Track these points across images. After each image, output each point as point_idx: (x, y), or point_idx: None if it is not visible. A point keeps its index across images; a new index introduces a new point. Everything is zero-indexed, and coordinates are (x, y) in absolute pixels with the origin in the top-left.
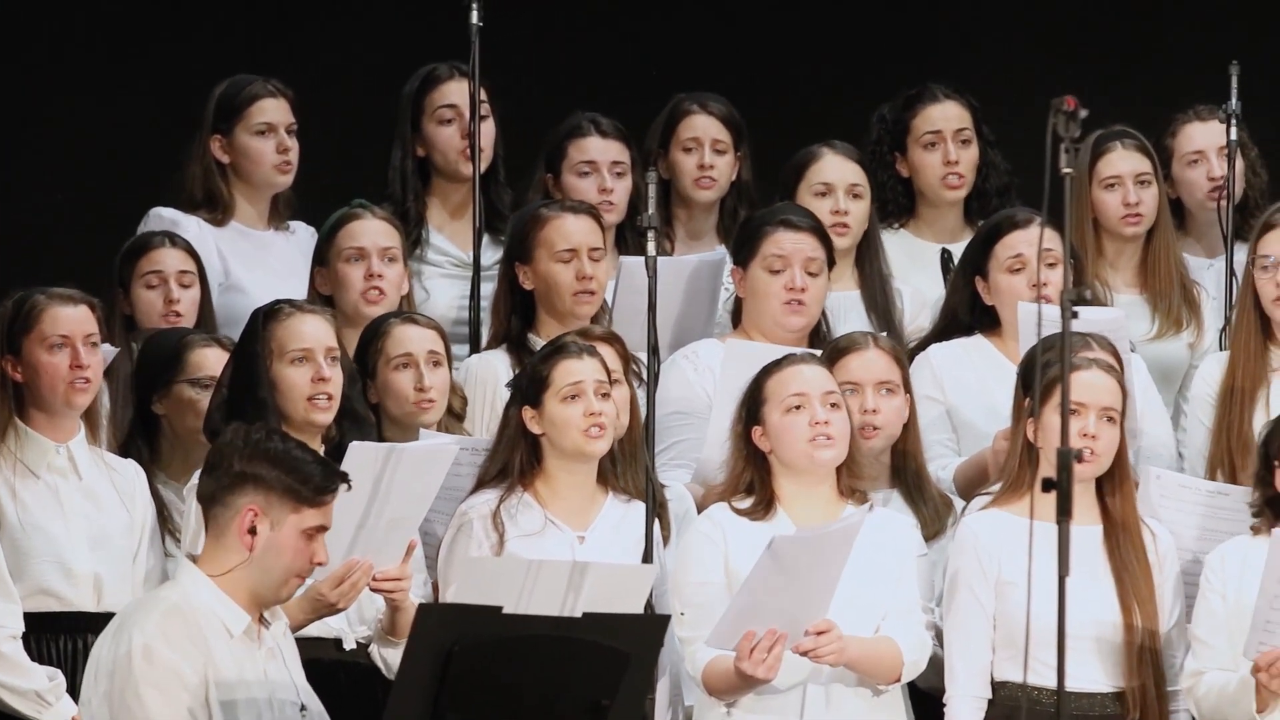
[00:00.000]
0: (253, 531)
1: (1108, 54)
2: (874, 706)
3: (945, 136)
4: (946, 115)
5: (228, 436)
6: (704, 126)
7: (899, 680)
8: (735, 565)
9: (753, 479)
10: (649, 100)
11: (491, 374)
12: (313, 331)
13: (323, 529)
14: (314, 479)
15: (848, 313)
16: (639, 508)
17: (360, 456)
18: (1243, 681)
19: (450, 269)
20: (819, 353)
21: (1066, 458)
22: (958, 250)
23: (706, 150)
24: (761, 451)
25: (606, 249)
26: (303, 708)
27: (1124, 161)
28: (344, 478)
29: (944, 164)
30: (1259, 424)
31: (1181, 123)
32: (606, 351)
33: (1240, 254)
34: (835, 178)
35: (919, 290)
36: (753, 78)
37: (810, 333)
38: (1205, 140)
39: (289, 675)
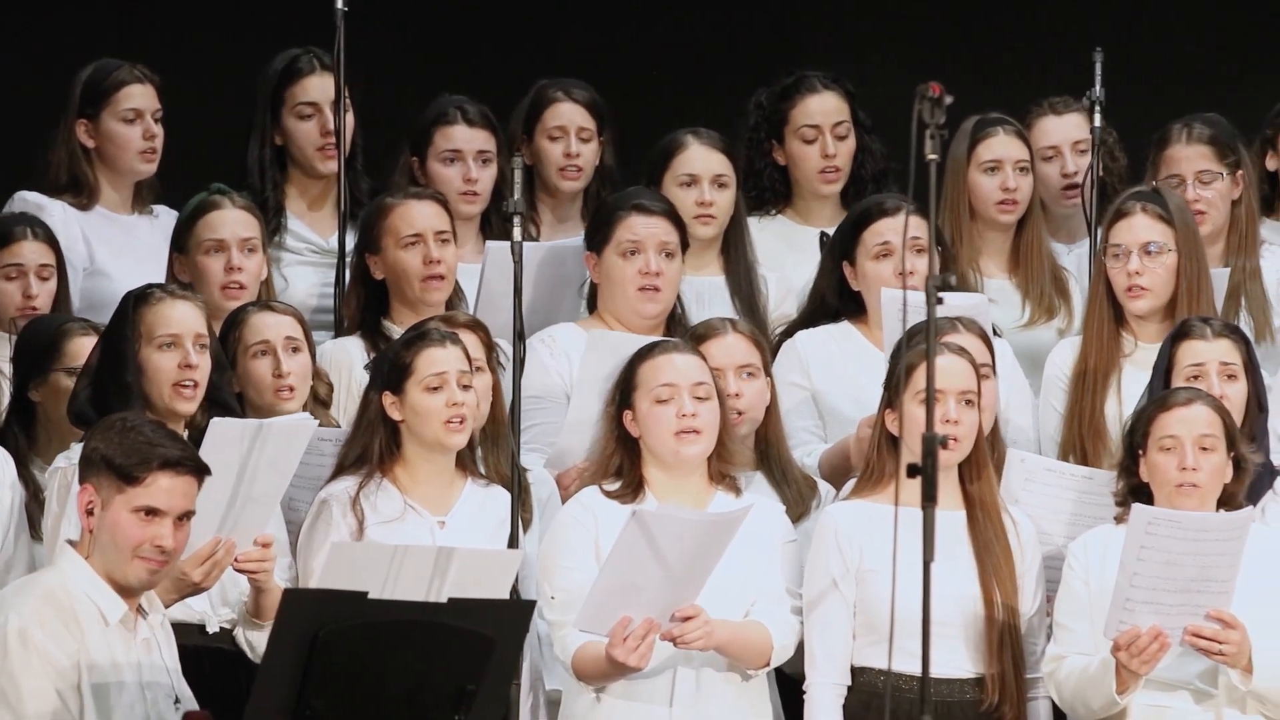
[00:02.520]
0: (90, 514)
1: (972, 40)
2: (742, 691)
3: (823, 130)
4: (825, 108)
5: (100, 423)
6: (569, 114)
7: (768, 665)
8: (606, 549)
9: (622, 462)
10: (512, 84)
11: (347, 360)
12: (181, 317)
13: (156, 511)
14: (133, 456)
15: (712, 299)
16: (498, 492)
17: (223, 433)
18: (1103, 662)
19: (309, 256)
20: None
21: (932, 443)
22: None
23: (572, 139)
24: (632, 436)
25: (468, 236)
26: (176, 699)
27: (1005, 147)
28: (172, 462)
29: (821, 157)
30: (1110, 409)
31: (1036, 116)
32: (470, 339)
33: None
34: (700, 168)
35: (784, 278)
36: (615, 60)
37: (667, 319)
38: (1060, 135)
39: (164, 665)
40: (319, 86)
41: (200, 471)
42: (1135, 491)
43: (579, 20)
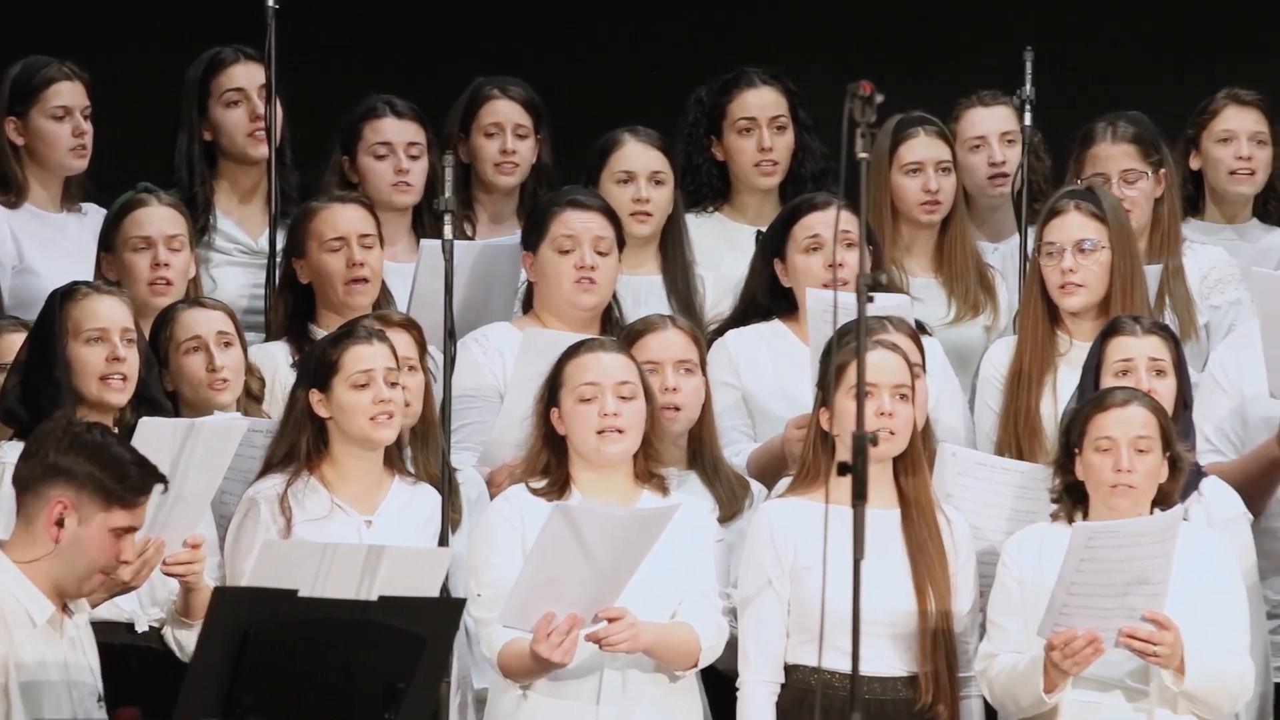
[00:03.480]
0: (60, 524)
1: (906, 39)
2: (670, 691)
3: (760, 123)
4: (762, 102)
5: (49, 425)
6: (506, 112)
7: (696, 666)
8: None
9: (549, 460)
10: (446, 84)
11: (271, 364)
12: (108, 312)
13: (132, 529)
14: (129, 479)
15: (649, 297)
16: (426, 490)
17: (153, 432)
18: (1032, 660)
19: (239, 256)
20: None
21: (862, 441)
22: None
23: (508, 136)
24: (559, 434)
25: (400, 234)
26: (100, 697)
27: (926, 148)
28: (160, 479)
29: (758, 151)
30: (1045, 408)
31: (965, 107)
32: (403, 338)
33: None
34: (637, 166)
35: (721, 277)
36: (552, 57)
37: (603, 317)
38: (988, 126)
39: (88, 664)
40: (244, 74)
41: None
42: (1070, 489)
43: (513, 19)
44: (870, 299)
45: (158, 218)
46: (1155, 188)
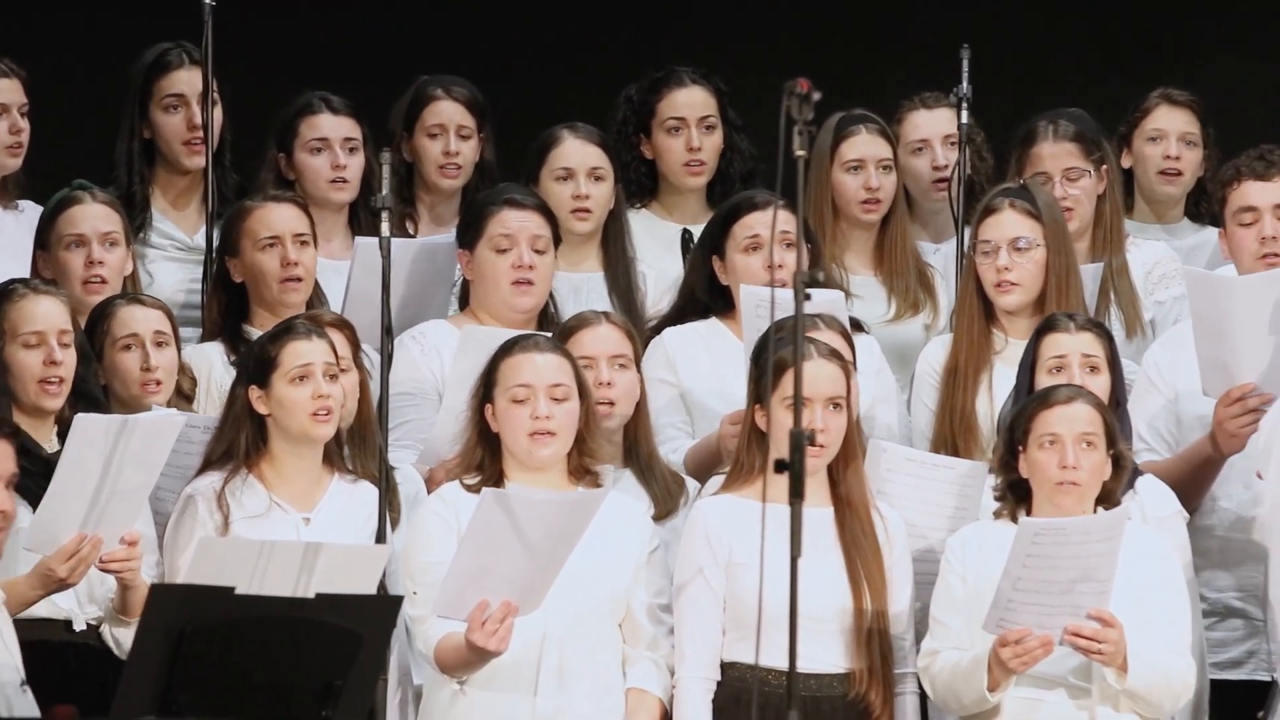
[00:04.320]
0: None
1: (845, 36)
2: (607, 684)
3: (689, 123)
4: (691, 101)
5: None
6: (449, 113)
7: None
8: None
9: (484, 456)
10: (383, 80)
11: (206, 364)
12: (45, 313)
13: None
14: None
15: (590, 293)
16: (365, 488)
17: (87, 429)
18: (975, 659)
19: (175, 252)
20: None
21: (799, 439)
22: (699, 231)
23: (451, 137)
24: (494, 430)
25: (337, 230)
26: (23, 681)
27: (868, 146)
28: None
29: (686, 150)
30: (981, 406)
31: (907, 110)
32: (336, 337)
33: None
34: (576, 162)
35: (663, 273)
36: (493, 53)
37: (539, 315)
38: (931, 129)
39: (8, 653)
40: (186, 80)
41: (14, 435)
42: (1013, 488)
43: (452, 14)
44: (806, 296)
45: (92, 215)
46: (1097, 185)
